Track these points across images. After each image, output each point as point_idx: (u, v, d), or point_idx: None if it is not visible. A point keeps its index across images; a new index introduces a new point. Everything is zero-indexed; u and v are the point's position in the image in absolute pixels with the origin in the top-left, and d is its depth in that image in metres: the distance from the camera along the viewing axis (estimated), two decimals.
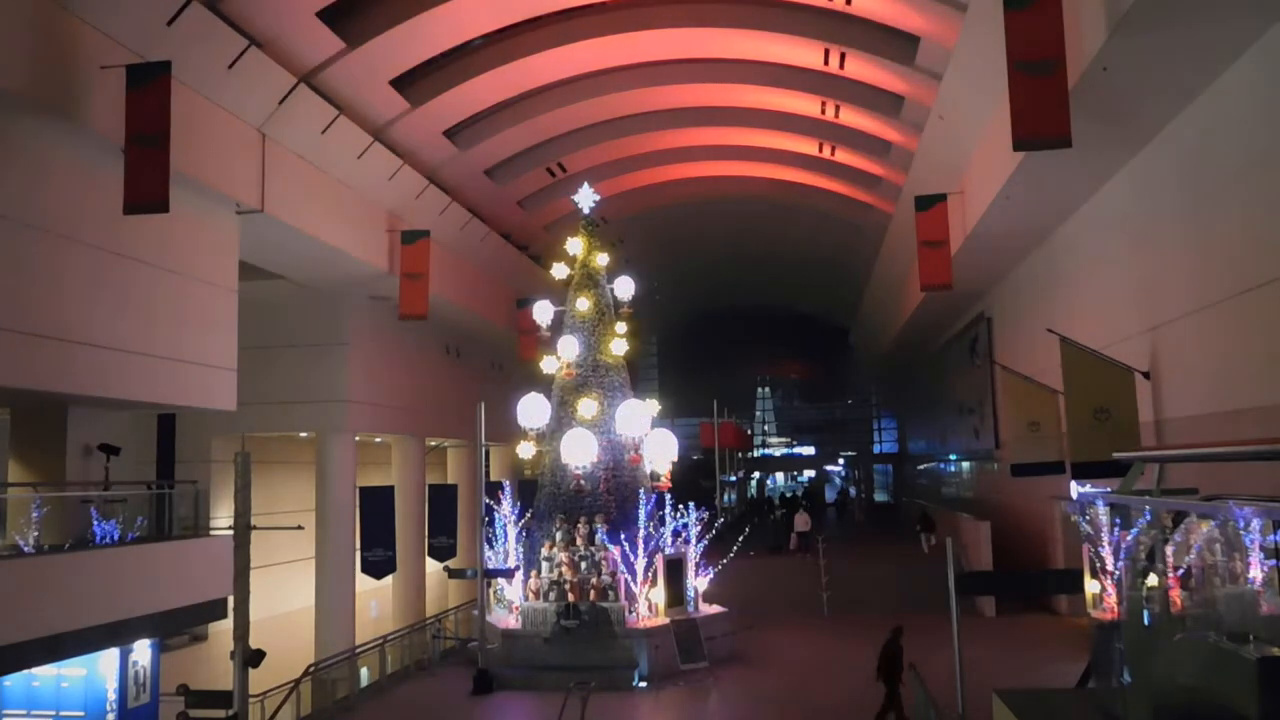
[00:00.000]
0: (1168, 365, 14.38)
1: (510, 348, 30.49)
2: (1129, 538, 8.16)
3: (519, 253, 29.38)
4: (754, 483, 59.24)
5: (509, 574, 19.07)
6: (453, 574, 20.49)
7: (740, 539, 23.02)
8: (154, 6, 13.31)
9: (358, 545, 22.41)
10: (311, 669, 16.17)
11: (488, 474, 31.06)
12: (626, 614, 17.79)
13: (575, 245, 21.81)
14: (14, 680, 13.10)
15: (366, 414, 23.14)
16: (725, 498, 43.36)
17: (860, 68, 20.37)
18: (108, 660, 13.52)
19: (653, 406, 20.71)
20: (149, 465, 20.85)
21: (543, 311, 21.44)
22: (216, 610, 14.69)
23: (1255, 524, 6.32)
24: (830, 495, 57.43)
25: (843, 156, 26.08)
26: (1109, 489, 10.16)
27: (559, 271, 21.88)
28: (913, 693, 13.02)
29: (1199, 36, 11.08)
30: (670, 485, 20.14)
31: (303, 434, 23.99)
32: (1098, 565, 12.97)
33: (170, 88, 12.53)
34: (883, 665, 13.40)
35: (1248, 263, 11.71)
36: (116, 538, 13.87)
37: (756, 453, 58.86)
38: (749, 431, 56.43)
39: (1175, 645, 7.47)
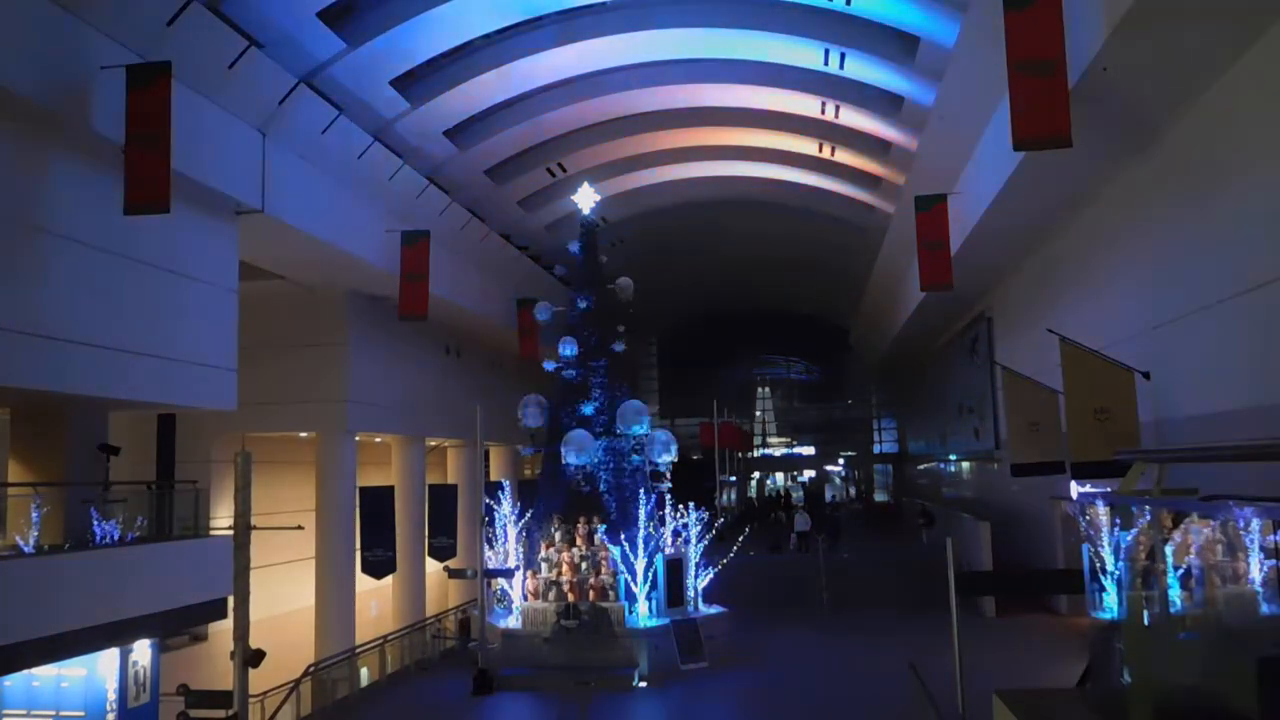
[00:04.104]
0: (1168, 365, 14.38)
1: (510, 348, 30.50)
2: (1129, 538, 8.15)
3: (519, 253, 29.38)
4: (754, 482, 59.19)
5: (509, 574, 19.08)
6: (453, 574, 20.49)
7: (740, 539, 23.03)
8: (154, 6, 13.31)
9: (358, 545, 22.41)
10: (311, 669, 16.17)
11: (488, 474, 31.12)
12: (626, 614, 17.80)
13: (575, 245, 21.85)
14: (14, 680, 13.09)
15: (366, 414, 23.14)
16: (725, 498, 43.39)
17: (860, 68, 20.37)
18: (108, 660, 13.52)
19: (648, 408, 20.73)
20: (149, 465, 20.86)
21: (543, 311, 21.46)
22: (216, 610, 14.68)
23: (1255, 524, 6.32)
24: (827, 496, 57.34)
25: (843, 156, 26.08)
26: (1109, 489, 10.16)
27: (559, 270, 21.92)
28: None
29: (1199, 36, 11.08)
30: (670, 483, 20.17)
31: (303, 434, 23.99)
32: (1098, 565, 12.96)
33: (170, 88, 12.52)
34: None
35: (1247, 263, 11.71)
36: (116, 538, 13.87)
37: (756, 453, 58.82)
38: (749, 431, 56.40)
39: (1175, 645, 7.47)
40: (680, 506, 19.86)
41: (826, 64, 20.62)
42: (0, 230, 12.01)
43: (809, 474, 60.34)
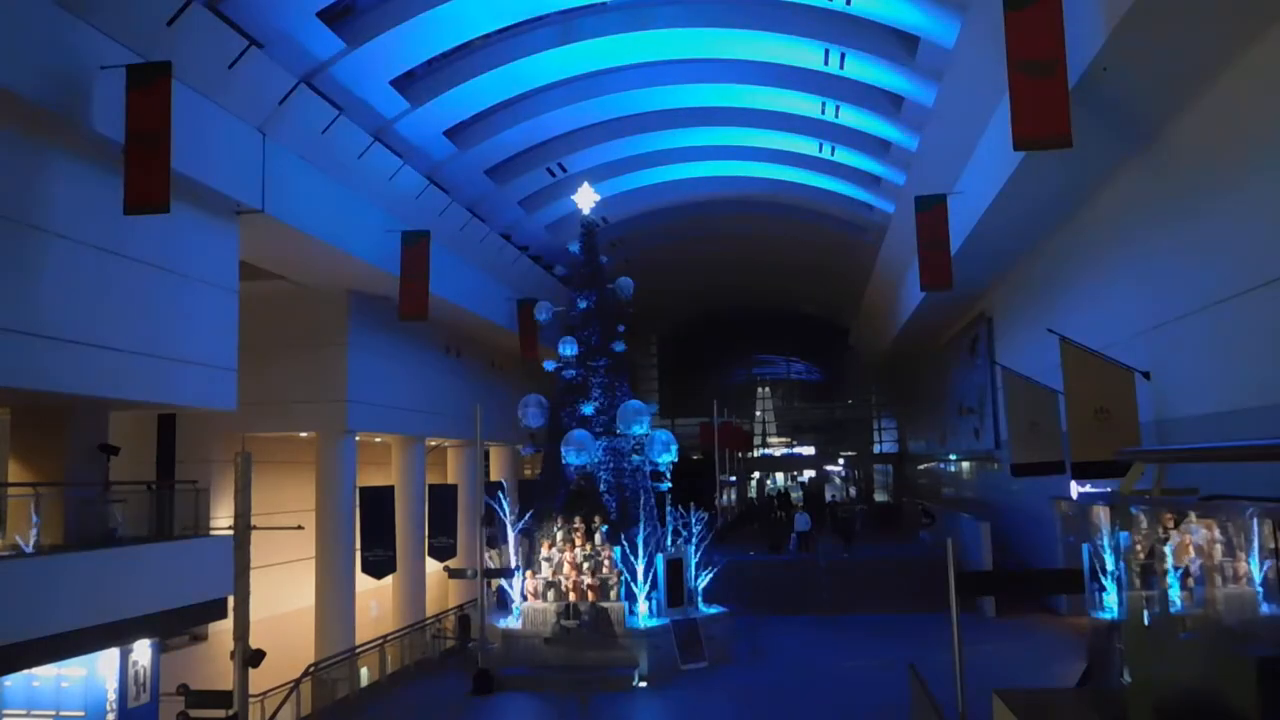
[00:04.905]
0: (1168, 365, 14.39)
1: (510, 348, 30.51)
2: (1129, 538, 8.15)
3: (519, 253, 29.39)
4: (754, 483, 59.16)
5: (509, 574, 19.09)
6: (453, 574, 20.51)
7: (740, 539, 23.04)
8: (154, 6, 13.31)
9: (358, 545, 22.40)
10: (311, 669, 16.17)
11: (488, 474, 31.11)
12: (626, 614, 17.80)
13: (575, 245, 21.86)
14: (14, 680, 13.10)
15: (366, 414, 23.14)
16: (725, 498, 43.38)
17: (860, 68, 20.38)
18: (108, 660, 13.52)
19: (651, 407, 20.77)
20: (149, 465, 20.85)
21: (543, 311, 21.48)
22: (216, 610, 14.69)
23: (1255, 524, 6.31)
24: (828, 497, 57.25)
25: (843, 156, 26.09)
26: (1109, 489, 10.16)
27: (559, 270, 21.96)
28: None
29: (1199, 36, 11.09)
30: (670, 483, 20.18)
31: (303, 434, 23.99)
32: (1098, 565, 12.95)
33: (170, 88, 12.51)
34: None
35: (1248, 263, 11.71)
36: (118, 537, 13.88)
37: (756, 453, 58.80)
38: (749, 431, 56.37)
39: (1175, 645, 7.47)
40: (680, 506, 19.87)
41: (826, 64, 20.63)
42: (0, 230, 12.01)
43: (809, 474, 60.29)
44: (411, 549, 25.19)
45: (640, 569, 18.20)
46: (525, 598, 18.70)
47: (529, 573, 18.95)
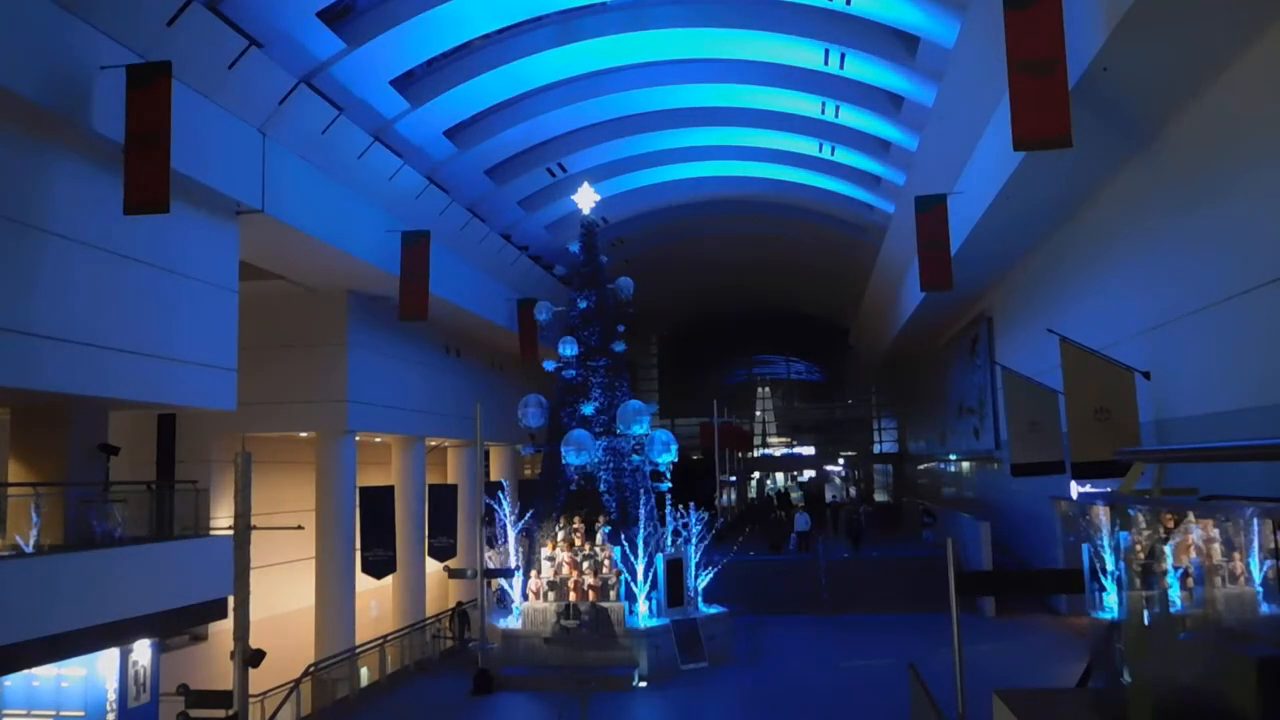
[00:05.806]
0: (1168, 365, 14.39)
1: (510, 348, 30.51)
2: (1129, 538, 8.15)
3: (519, 253, 29.39)
4: (754, 483, 59.18)
5: (509, 574, 19.10)
6: (453, 574, 20.50)
7: (740, 539, 23.04)
8: (154, 6, 13.31)
9: (358, 545, 22.41)
10: (311, 669, 16.17)
11: (488, 474, 31.12)
12: (626, 614, 17.80)
13: (575, 245, 21.86)
14: (14, 680, 13.09)
15: (366, 414, 23.14)
16: (725, 498, 43.36)
17: (860, 68, 20.38)
18: (108, 660, 13.52)
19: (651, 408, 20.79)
20: (149, 465, 20.86)
21: (543, 311, 21.48)
22: (216, 610, 14.68)
23: (1255, 524, 6.31)
24: (828, 497, 57.21)
25: (843, 156, 26.09)
26: (1109, 489, 10.16)
27: (559, 270, 21.97)
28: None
29: (1199, 36, 11.09)
30: (670, 483, 20.18)
31: (303, 434, 23.99)
32: (1098, 565, 12.95)
33: (170, 88, 12.51)
34: None
35: (1248, 263, 11.71)
36: (118, 535, 13.87)
37: (756, 453, 58.80)
38: (749, 431, 56.38)
39: (1175, 645, 7.47)
40: (680, 506, 19.88)
41: (826, 64, 20.62)
42: (0, 230, 12.00)
43: (809, 474, 60.26)
44: (411, 549, 25.19)
45: (640, 569, 18.20)
46: (528, 597, 18.70)
47: (533, 573, 18.95)
